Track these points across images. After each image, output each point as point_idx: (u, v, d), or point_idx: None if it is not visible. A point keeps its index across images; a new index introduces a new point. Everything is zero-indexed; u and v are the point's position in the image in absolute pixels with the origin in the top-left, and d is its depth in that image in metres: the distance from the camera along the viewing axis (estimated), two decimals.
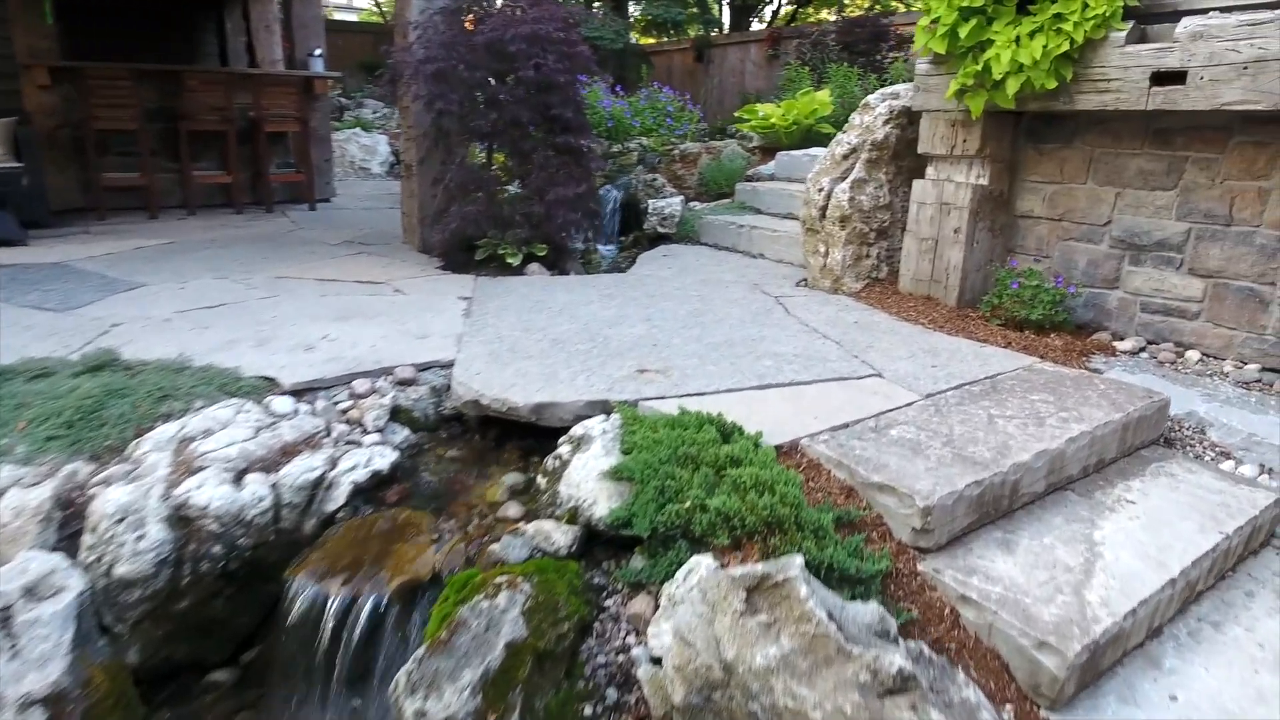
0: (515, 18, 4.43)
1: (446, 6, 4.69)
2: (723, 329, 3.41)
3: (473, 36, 4.44)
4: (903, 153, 4.09)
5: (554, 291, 4.06)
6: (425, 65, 4.41)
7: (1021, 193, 3.76)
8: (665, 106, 7.91)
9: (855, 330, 3.43)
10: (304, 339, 3.14)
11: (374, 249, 5.23)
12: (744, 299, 3.99)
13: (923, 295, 3.89)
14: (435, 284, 4.21)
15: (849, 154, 4.04)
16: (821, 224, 4.12)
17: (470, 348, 3.06)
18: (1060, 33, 3.11)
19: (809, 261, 4.28)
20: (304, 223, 6.40)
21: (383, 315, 3.54)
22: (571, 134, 4.52)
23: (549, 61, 4.35)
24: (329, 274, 4.38)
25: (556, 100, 4.44)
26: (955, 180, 3.71)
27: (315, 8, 7.39)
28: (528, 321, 3.46)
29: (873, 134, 3.97)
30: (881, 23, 13.01)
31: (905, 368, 2.93)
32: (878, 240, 4.12)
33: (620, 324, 3.46)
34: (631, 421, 2.34)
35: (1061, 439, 2.31)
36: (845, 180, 4.01)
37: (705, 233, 5.62)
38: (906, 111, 3.98)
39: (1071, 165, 3.56)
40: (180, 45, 8.37)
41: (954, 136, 3.68)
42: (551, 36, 4.38)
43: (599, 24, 13.43)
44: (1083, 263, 3.58)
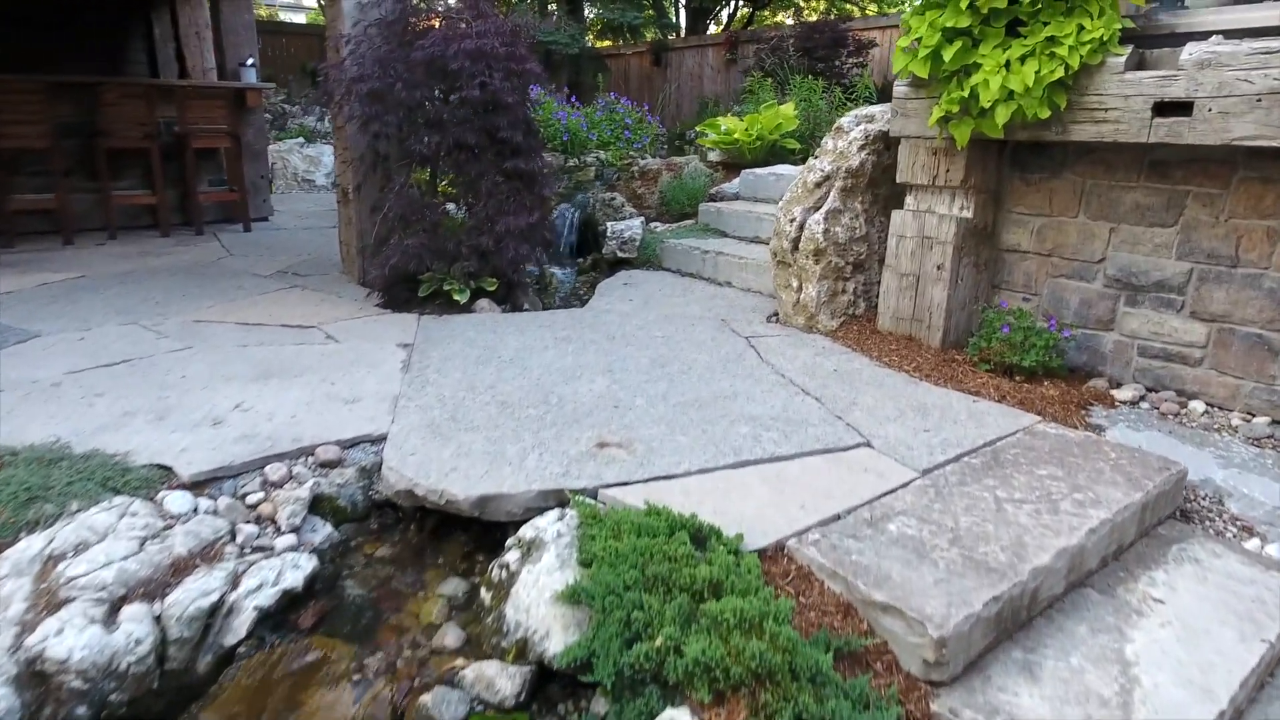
0: (458, 32, 4.05)
1: (383, 18, 4.29)
2: (690, 382, 3.08)
3: (411, 53, 4.05)
4: (879, 180, 3.81)
5: (504, 335, 3.69)
6: (359, 84, 4.00)
7: (1007, 225, 3.50)
8: (623, 118, 7.57)
9: (835, 381, 3.14)
10: (213, 409, 2.73)
11: (309, 280, 4.80)
12: (712, 340, 3.67)
13: (904, 335, 3.61)
14: (373, 327, 3.82)
15: (822, 181, 3.75)
16: (793, 257, 3.82)
17: (406, 415, 2.69)
18: (1054, 58, 2.85)
19: (780, 296, 3.98)
20: (235, 247, 5.93)
21: (310, 372, 3.14)
22: (521, 158, 4.15)
23: (495, 80, 3.98)
24: (254, 316, 3.95)
25: (504, 122, 4.07)
26: (937, 212, 3.44)
27: (246, 14, 6.90)
28: (474, 377, 3.10)
29: (847, 160, 3.68)
30: (840, 28, 12.85)
31: (895, 432, 2.63)
32: (854, 274, 3.84)
33: (577, 377, 3.12)
34: (590, 521, 2.00)
35: (1081, 531, 2.03)
36: (819, 211, 3.72)
37: (668, 258, 5.29)
38: (883, 137, 3.70)
39: (1061, 197, 3.31)
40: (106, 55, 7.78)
41: (936, 166, 3.41)
42: (497, 52, 4.01)
43: (554, 28, 13.04)
44: (1074, 302, 3.33)
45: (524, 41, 4.21)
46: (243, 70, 6.83)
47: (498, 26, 4.13)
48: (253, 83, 6.81)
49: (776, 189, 5.41)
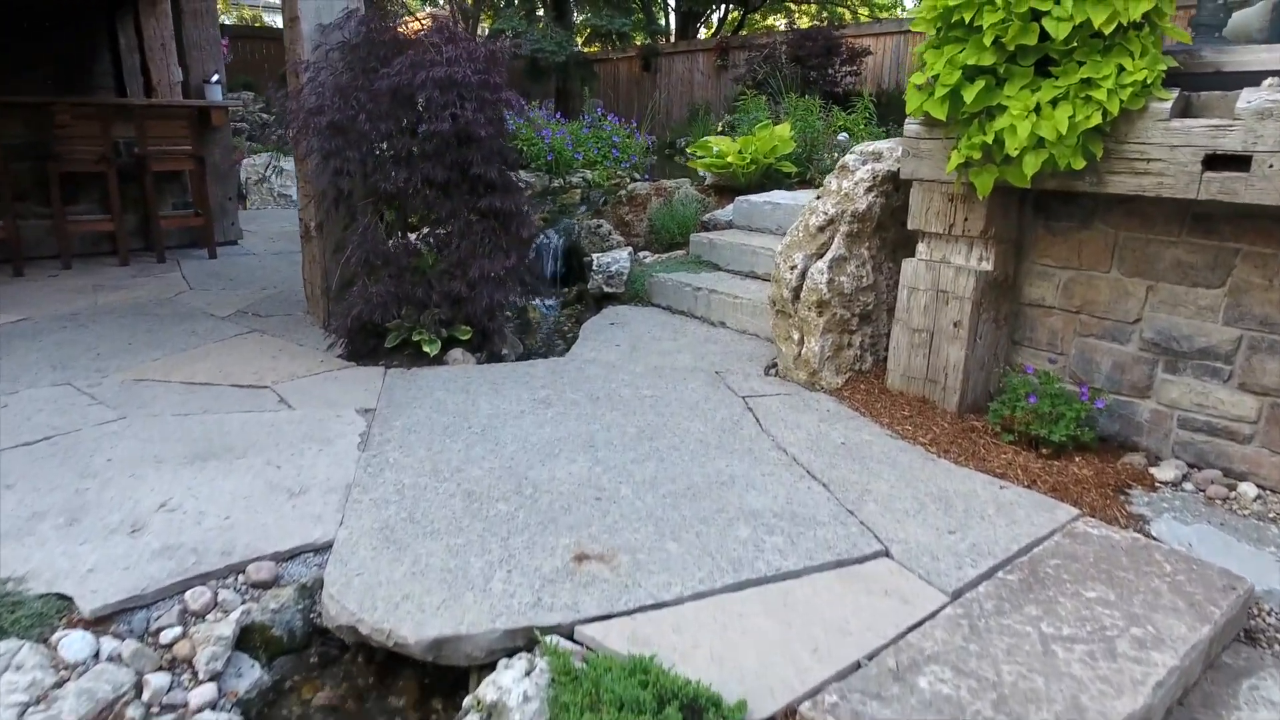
0: (426, 59, 3.70)
1: (346, 41, 3.94)
2: (682, 462, 2.75)
3: (375, 81, 3.70)
4: (888, 223, 3.49)
5: (477, 395, 3.35)
6: (317, 117, 3.65)
7: (1030, 277, 3.19)
8: (611, 136, 7.23)
9: (844, 459, 2.81)
10: (135, 508, 2.38)
11: (269, 322, 4.44)
12: (706, 401, 3.34)
13: (916, 396, 3.29)
14: (332, 387, 3.47)
15: (825, 225, 3.42)
16: (794, 307, 3.49)
17: (357, 515, 2.34)
18: (1090, 102, 2.53)
19: (780, 348, 3.65)
20: (196, 278, 5.56)
21: (254, 450, 2.79)
22: (497, 195, 3.81)
23: (466, 111, 3.64)
24: (202, 373, 3.60)
25: (478, 156, 3.72)
26: (953, 263, 3.12)
27: (210, 28, 6.52)
28: (439, 455, 2.76)
29: (853, 203, 3.35)
30: (833, 36, 12.56)
31: (916, 535, 2.31)
32: (860, 326, 3.51)
33: (555, 454, 2.78)
34: (564, 680, 1.66)
35: (1146, 687, 1.71)
36: (822, 258, 3.39)
37: (657, 293, 4.96)
38: (892, 177, 3.38)
39: (1091, 250, 2.99)
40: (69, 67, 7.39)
41: (952, 213, 3.09)
42: (469, 81, 3.66)
43: (540, 35, 12.68)
44: (1106, 365, 3.01)
45: (500, 68, 3.86)
46: (208, 87, 6.45)
47: (471, 52, 3.78)
48: (218, 100, 6.43)
49: (772, 218, 5.09)
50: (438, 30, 3.95)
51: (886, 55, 13.78)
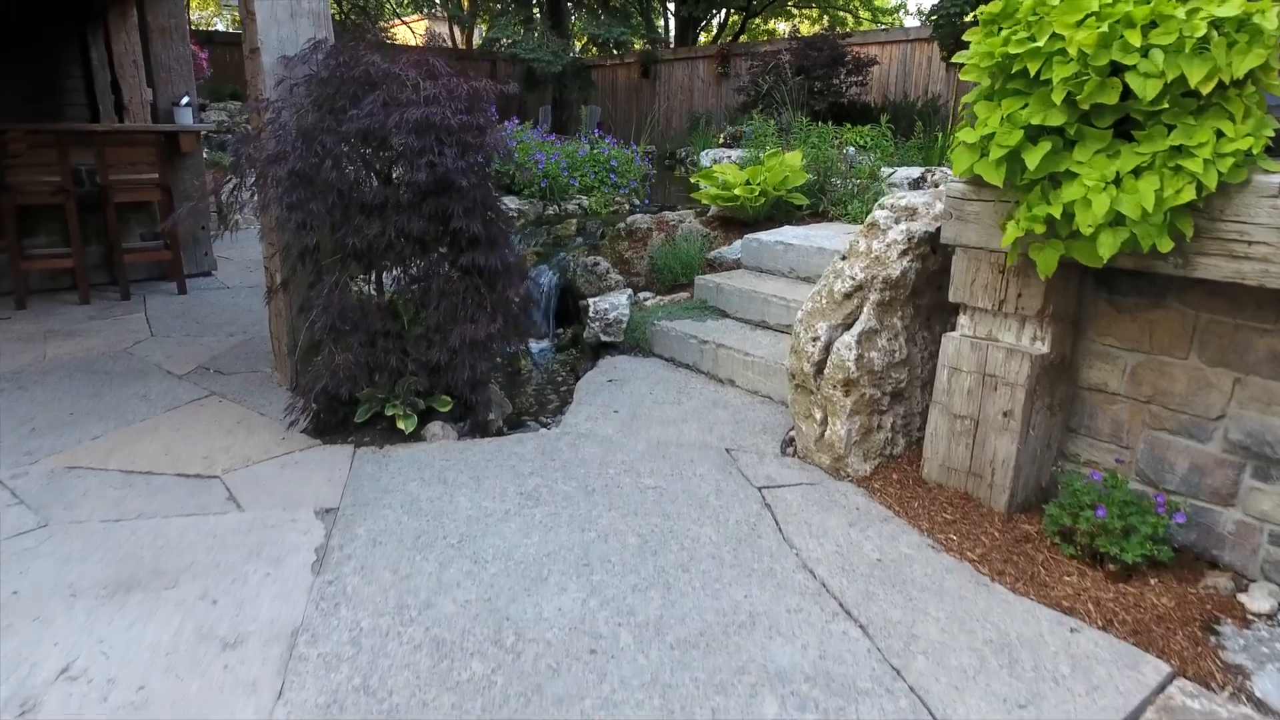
0: (400, 98, 3.28)
1: (312, 75, 3.51)
2: (693, 591, 2.34)
3: (343, 123, 3.28)
4: (923, 288, 3.08)
5: (456, 489, 2.94)
6: (276, 165, 3.23)
7: (1090, 358, 2.77)
8: (609, 160, 6.81)
9: (882, 584, 2.39)
10: (31, 675, 1.96)
11: (231, 382, 4.02)
12: (716, 494, 2.93)
13: (958, 492, 2.88)
14: (290, 476, 3.05)
15: (853, 292, 3.00)
16: (817, 383, 3.08)
17: (300, 685, 1.93)
18: (1181, 173, 2.11)
19: (799, 425, 3.24)
20: (161, 320, 5.14)
21: (188, 576, 2.37)
22: (480, 251, 3.39)
23: (446, 158, 3.22)
24: (146, 456, 3.18)
25: (459, 208, 3.30)
26: (1003, 343, 2.70)
27: (180, 46, 6.09)
28: (406, 581, 2.35)
29: (885, 268, 2.94)
30: (839, 46, 12.16)
31: (980, 710, 1.89)
32: (892, 405, 3.10)
33: (544, 579, 2.37)
34: None
35: None
36: (850, 331, 2.98)
37: (659, 343, 4.54)
38: (930, 239, 2.97)
39: (1165, 332, 2.57)
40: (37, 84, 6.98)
41: (1003, 287, 2.67)
42: (449, 124, 3.24)
43: (535, 44, 12.26)
44: (1182, 465, 2.60)
45: (485, 107, 3.44)
46: (177, 110, 6.03)
47: (452, 90, 3.36)
48: (188, 124, 6.00)
49: (784, 260, 4.67)
50: (415, 64, 3.53)
51: (893, 64, 13.38)
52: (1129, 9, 2.08)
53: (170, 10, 6.01)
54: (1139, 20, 2.08)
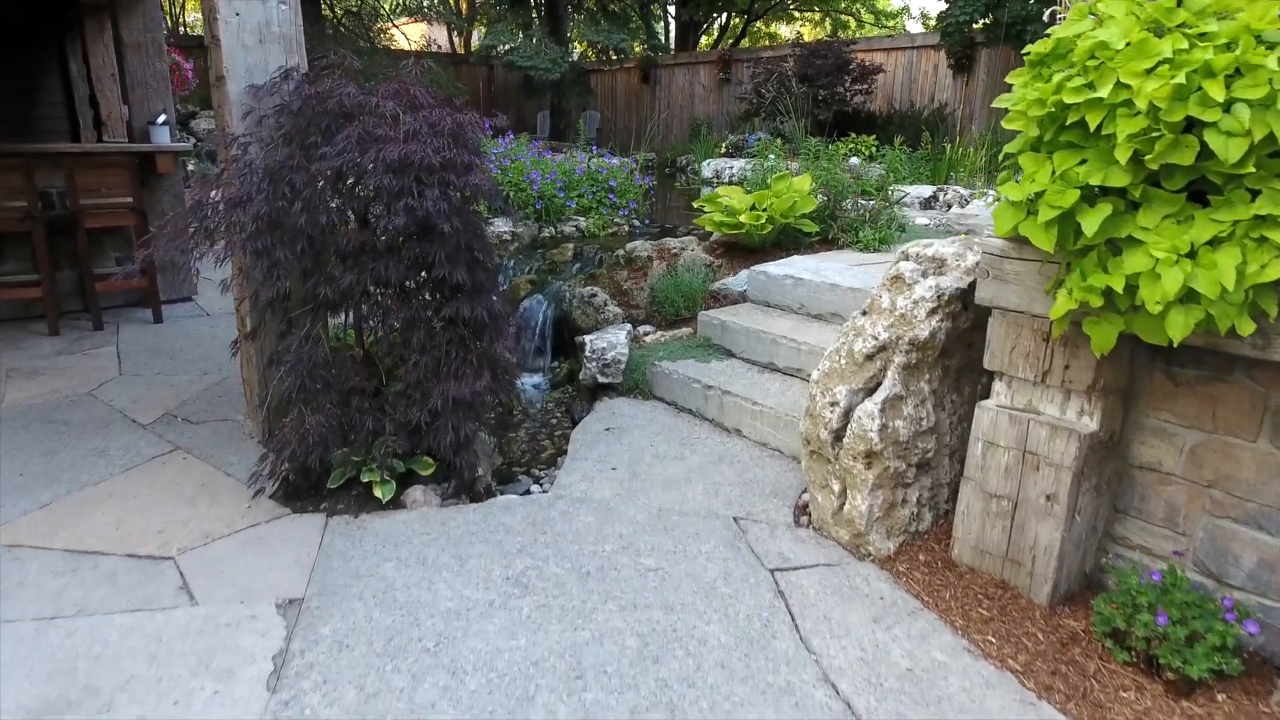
0: (376, 134, 2.98)
1: (283, 105, 3.23)
2: (699, 713, 2.04)
3: (313, 161, 2.99)
4: (952, 348, 2.79)
5: (435, 572, 2.65)
6: (239, 210, 2.94)
7: (1142, 433, 2.48)
8: (607, 180, 6.51)
9: (915, 705, 2.10)
10: None
11: (200, 433, 3.73)
12: (725, 579, 2.64)
13: (993, 579, 2.59)
14: (254, 556, 2.75)
15: (875, 353, 2.71)
16: (834, 451, 2.79)
17: None
18: (1266, 245, 1.82)
19: (815, 496, 2.95)
20: (132, 356, 4.84)
21: (124, 698, 2.08)
22: (465, 300, 3.09)
23: (427, 201, 2.93)
24: (95, 531, 2.88)
25: (441, 254, 3.01)
26: (1046, 418, 2.41)
27: (156, 61, 5.80)
28: (373, 702, 2.06)
29: (912, 328, 2.65)
30: (844, 53, 11.87)
31: None
32: (918, 477, 2.81)
33: (531, 698, 2.08)
34: None
35: None
36: (872, 397, 2.68)
37: (660, 385, 4.25)
38: (962, 295, 2.68)
39: (1229, 410, 2.28)
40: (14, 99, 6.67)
41: (1047, 358, 2.38)
42: (430, 163, 2.95)
43: (533, 51, 11.96)
44: (1249, 560, 2.31)
45: (470, 142, 3.15)
46: (153, 129, 5.73)
47: (434, 123, 3.07)
48: (165, 144, 5.71)
49: (793, 295, 4.38)
50: (394, 95, 3.24)
51: (899, 71, 13.09)
52: (1208, 57, 1.79)
53: (145, 24, 5.72)
54: (1220, 69, 1.79)
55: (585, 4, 14.28)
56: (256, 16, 3.26)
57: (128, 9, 5.63)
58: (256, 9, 3.26)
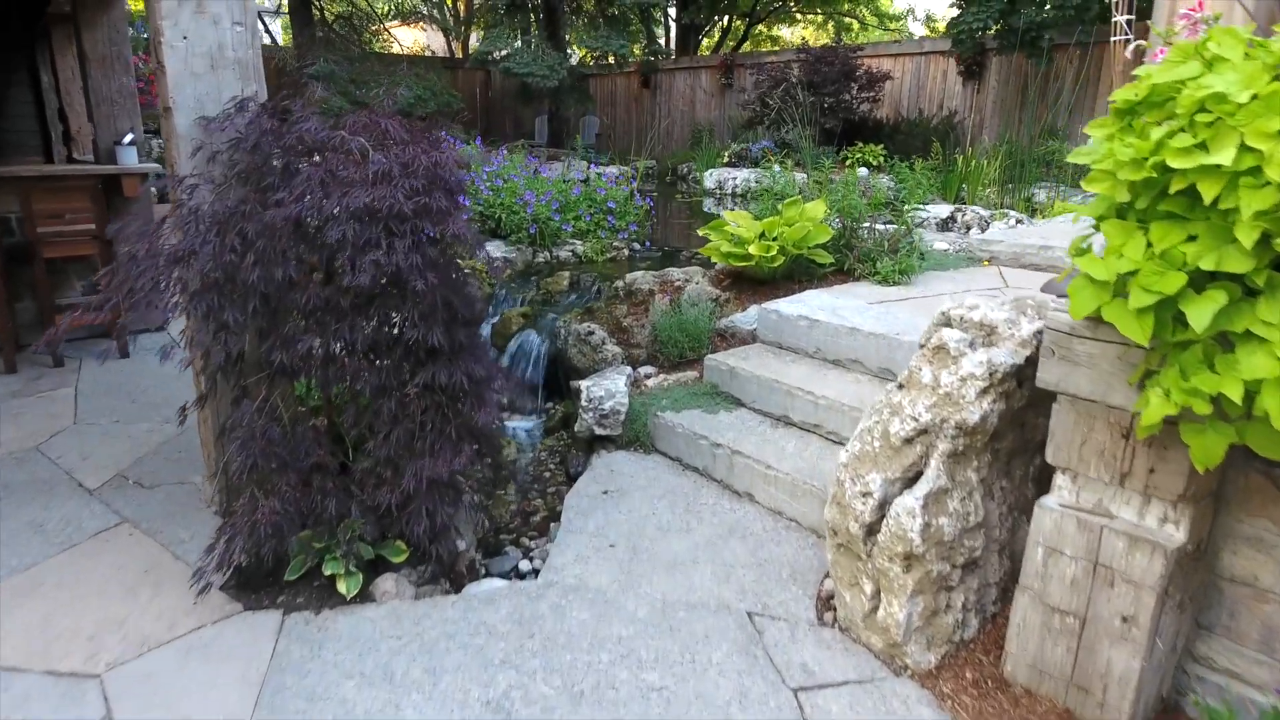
0: (340, 176, 2.61)
1: (239, 139, 2.85)
2: None
3: (267, 208, 2.61)
4: (1004, 430, 2.41)
5: (402, 699, 2.27)
6: (180, 266, 2.56)
7: (1233, 542, 2.10)
8: (605, 201, 6.13)
9: None
10: None
11: (152, 500, 3.35)
12: (739, 705, 2.26)
13: (1053, 705, 2.21)
14: (194, 669, 2.37)
15: (915, 437, 2.34)
16: (868, 548, 2.41)
17: None
18: None
19: (843, 594, 2.57)
20: (91, 399, 4.47)
21: None
22: (442, 365, 2.72)
23: (397, 254, 2.55)
24: (15, 636, 2.51)
25: (415, 313, 2.64)
26: (1121, 523, 2.04)
27: (123, 77, 5.42)
28: None
29: (959, 410, 2.27)
30: (850, 59, 11.49)
31: None
32: (964, 579, 2.43)
33: None
34: None
35: None
36: (914, 492, 2.31)
37: (663, 438, 3.88)
38: (1017, 371, 2.30)
39: None
40: None
41: (1126, 458, 2.01)
42: (401, 211, 2.57)
43: (531, 58, 11.57)
44: None
45: (449, 182, 2.77)
46: (120, 150, 5.36)
47: (407, 163, 2.69)
48: (132, 165, 5.33)
49: (809, 339, 4.00)
50: (364, 128, 2.86)
51: (906, 78, 12.71)
52: None
53: (110, 36, 5.34)
54: None
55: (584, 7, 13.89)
56: (208, 40, 2.88)
57: (90, 21, 5.26)
58: (208, 32, 2.88)
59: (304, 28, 12.54)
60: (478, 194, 5.86)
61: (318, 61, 10.82)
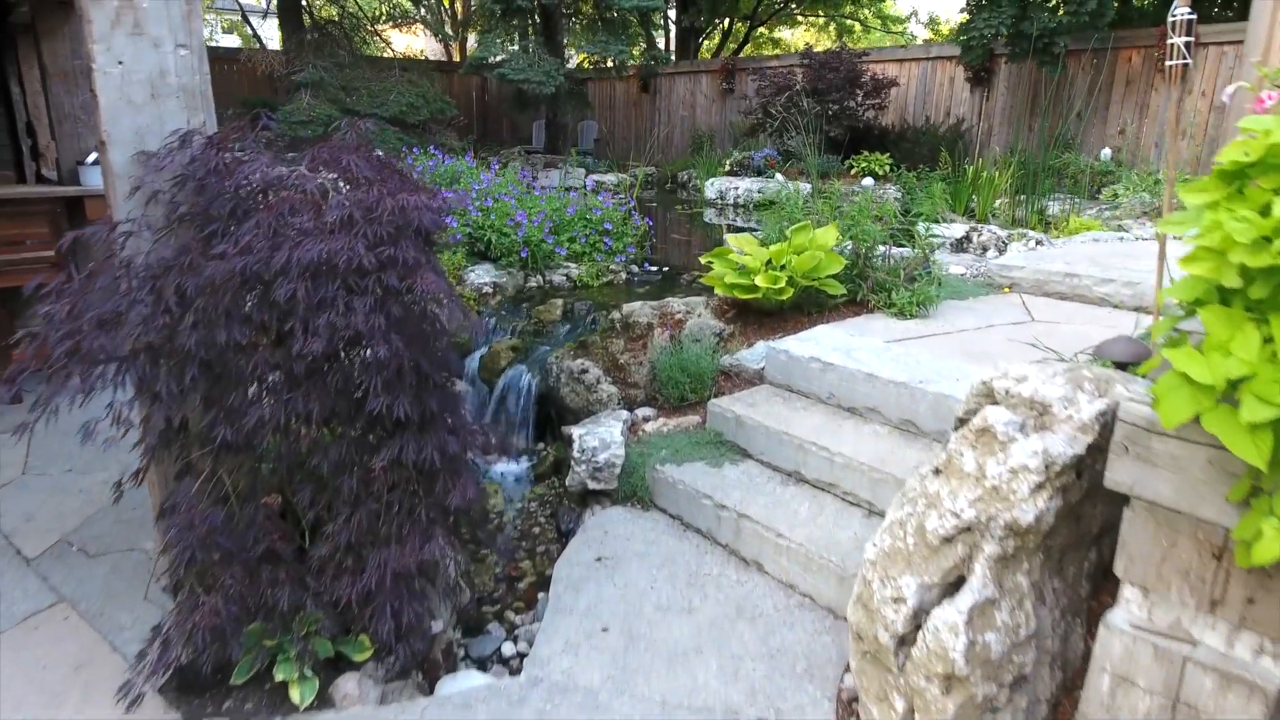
0: (292, 225, 2.27)
1: (185, 177, 2.51)
2: None
3: (210, 261, 2.28)
4: (1059, 526, 2.07)
5: None
6: (105, 334, 2.22)
7: None
8: (602, 222, 5.79)
9: None
10: None
11: (97, 571, 3.03)
12: None
13: None
14: None
15: (954, 536, 2.00)
16: (899, 660, 2.08)
17: None
18: None
19: (869, 708, 2.23)
20: (46, 444, 4.12)
21: None
22: (412, 438, 2.38)
23: (357, 316, 2.22)
24: None
25: (378, 380, 2.30)
26: (1209, 657, 1.71)
27: (86, 91, 5.07)
28: None
29: (1010, 507, 1.93)
30: (855, 65, 11.16)
31: None
32: (1012, 697, 2.09)
33: None
34: None
35: None
36: (956, 602, 1.97)
37: (663, 493, 3.55)
38: (1077, 462, 1.96)
39: None
40: None
41: (1219, 582, 1.67)
42: (363, 265, 2.24)
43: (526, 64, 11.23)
44: None
45: (421, 226, 2.43)
46: (83, 169, 5.02)
47: (370, 207, 2.36)
48: (95, 186, 4.98)
49: (822, 383, 3.67)
50: (327, 162, 2.53)
51: (912, 84, 12.38)
52: None
53: (73, 49, 5.01)
54: None
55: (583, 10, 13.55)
56: (147, 65, 2.55)
57: (49, 32, 4.93)
58: (147, 56, 2.54)
59: (293, 32, 12.20)
60: (466, 215, 5.53)
61: (306, 68, 10.47)
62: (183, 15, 2.58)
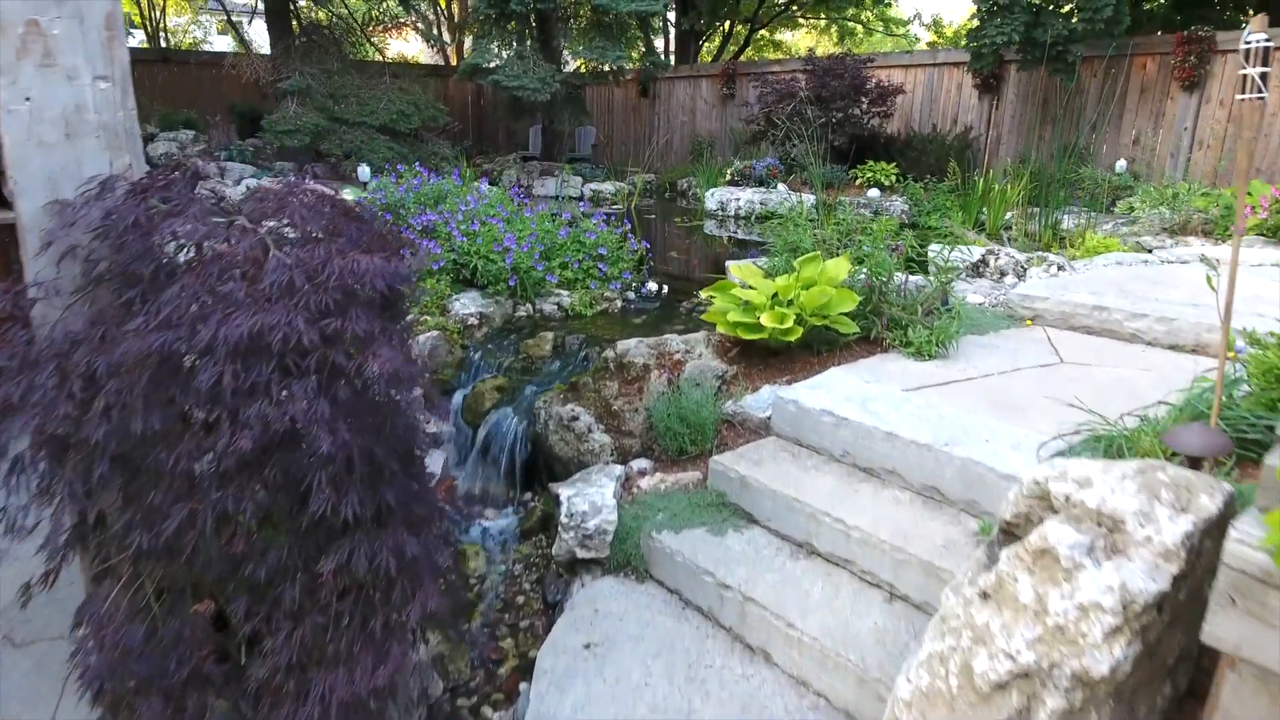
0: (221, 293, 1.93)
1: (105, 229, 2.16)
2: None
3: (126, 338, 1.93)
4: (1135, 670, 1.72)
5: None
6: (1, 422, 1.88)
7: None
8: (596, 247, 5.44)
9: None
10: None
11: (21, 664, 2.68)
12: None
13: None
14: None
15: (1009, 682, 1.65)
16: None
17: None
18: None
19: None
20: None
21: None
22: (362, 538, 2.04)
23: (296, 404, 1.87)
24: None
25: (322, 476, 1.95)
26: None
27: None
28: None
29: (1079, 653, 1.59)
30: (860, 72, 10.81)
31: None
32: None
33: None
34: None
35: None
36: None
37: (659, 563, 3.21)
38: (1161, 599, 1.62)
39: None
40: None
41: None
42: (300, 343, 1.89)
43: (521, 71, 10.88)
44: None
45: (374, 298, 2.08)
46: None
47: (314, 269, 2.01)
48: None
49: (835, 439, 3.33)
50: (277, 209, 2.19)
51: (918, 90, 12.04)
52: None
53: None
54: None
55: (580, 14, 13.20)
56: (60, 101, 2.20)
57: None
58: (60, 90, 2.20)
59: (281, 37, 11.84)
60: (451, 240, 5.18)
61: (294, 75, 10.12)
62: (102, 42, 2.24)
